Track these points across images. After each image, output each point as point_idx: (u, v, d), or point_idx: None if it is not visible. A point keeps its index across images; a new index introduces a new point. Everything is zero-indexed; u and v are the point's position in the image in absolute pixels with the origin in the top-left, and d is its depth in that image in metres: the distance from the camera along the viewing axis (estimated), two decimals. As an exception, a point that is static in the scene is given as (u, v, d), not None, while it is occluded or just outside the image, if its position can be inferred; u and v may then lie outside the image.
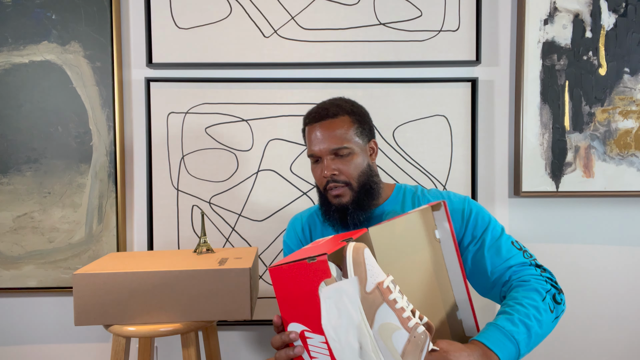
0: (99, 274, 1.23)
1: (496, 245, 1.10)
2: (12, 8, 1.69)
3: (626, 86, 1.71)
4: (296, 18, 1.71)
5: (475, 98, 1.71)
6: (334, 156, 1.13)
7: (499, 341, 0.90)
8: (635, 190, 1.71)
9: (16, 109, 1.70)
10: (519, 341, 0.91)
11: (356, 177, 1.14)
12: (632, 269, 1.78)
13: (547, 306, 0.97)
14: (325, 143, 1.12)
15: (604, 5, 1.69)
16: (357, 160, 1.14)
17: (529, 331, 0.93)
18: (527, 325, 0.93)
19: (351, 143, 1.13)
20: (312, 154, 1.15)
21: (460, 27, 1.71)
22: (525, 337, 0.92)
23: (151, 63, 1.71)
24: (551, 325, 0.98)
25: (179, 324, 1.25)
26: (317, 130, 1.14)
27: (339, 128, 1.13)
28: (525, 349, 0.92)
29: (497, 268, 1.08)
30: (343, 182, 1.13)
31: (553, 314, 0.98)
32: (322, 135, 1.13)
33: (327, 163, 1.13)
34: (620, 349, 1.80)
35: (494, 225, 1.14)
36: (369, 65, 1.71)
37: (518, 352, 0.91)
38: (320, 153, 1.13)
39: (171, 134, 1.74)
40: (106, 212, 1.73)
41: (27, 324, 1.78)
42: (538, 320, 0.94)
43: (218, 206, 1.75)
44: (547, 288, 1.00)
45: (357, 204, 1.14)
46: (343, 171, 1.13)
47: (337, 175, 1.13)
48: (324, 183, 1.15)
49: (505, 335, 0.91)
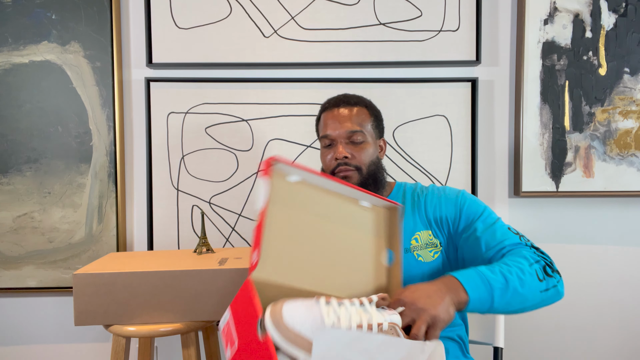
0: (99, 274, 1.23)
1: (491, 229, 1.09)
2: (12, 8, 1.69)
3: (626, 86, 1.71)
4: (296, 18, 1.71)
5: (475, 98, 1.71)
6: (348, 141, 1.16)
7: (472, 280, 0.88)
8: (635, 190, 1.71)
9: (16, 109, 1.70)
10: (493, 287, 0.88)
11: (367, 164, 1.17)
12: (632, 269, 1.78)
13: (533, 271, 0.94)
14: (343, 126, 1.16)
15: (604, 5, 1.69)
16: (370, 150, 1.18)
17: (507, 283, 0.90)
18: (506, 277, 0.90)
19: (366, 132, 1.18)
20: (326, 135, 1.18)
21: (460, 27, 1.71)
22: (502, 286, 0.89)
23: (151, 63, 1.71)
24: (538, 294, 0.94)
25: (179, 324, 1.25)
26: (337, 113, 1.18)
27: (358, 115, 1.18)
28: (500, 300, 0.89)
29: (491, 249, 1.06)
30: (354, 166, 1.16)
31: (542, 283, 0.95)
32: (341, 118, 1.17)
33: (342, 146, 1.15)
34: (621, 350, 1.80)
35: (488, 213, 1.14)
36: (369, 65, 1.71)
37: (491, 300, 0.88)
38: (337, 135, 1.16)
39: (171, 134, 1.74)
40: (106, 212, 1.73)
41: (27, 324, 1.78)
42: (520, 278, 0.91)
43: (218, 206, 1.75)
44: (537, 259, 0.98)
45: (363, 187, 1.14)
46: (356, 156, 1.16)
47: (350, 158, 1.16)
48: (333, 166, 1.17)
49: (480, 277, 0.89)
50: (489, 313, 0.91)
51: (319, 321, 0.73)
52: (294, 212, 0.89)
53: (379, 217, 1.02)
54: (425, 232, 1.18)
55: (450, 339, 1.19)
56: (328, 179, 0.94)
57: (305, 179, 0.92)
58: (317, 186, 0.94)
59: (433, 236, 1.17)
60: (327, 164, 1.20)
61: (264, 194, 0.83)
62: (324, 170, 1.23)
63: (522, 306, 0.94)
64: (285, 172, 0.90)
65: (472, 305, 0.87)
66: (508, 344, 1.77)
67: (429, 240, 1.17)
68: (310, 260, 0.88)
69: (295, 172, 0.90)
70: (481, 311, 0.90)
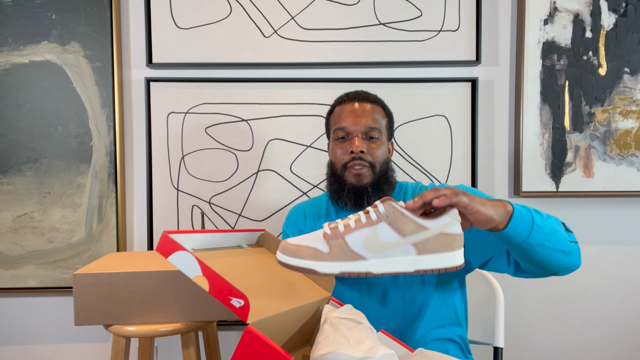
0: (99, 274, 1.23)
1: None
2: (12, 8, 1.69)
3: (626, 86, 1.71)
4: (296, 18, 1.71)
5: (475, 98, 1.71)
6: (364, 136, 1.16)
7: (517, 205, 0.89)
8: (635, 190, 1.71)
9: (16, 109, 1.70)
10: (534, 217, 0.89)
11: (380, 162, 1.17)
12: (633, 269, 1.78)
13: (560, 225, 0.95)
14: (362, 120, 1.15)
15: (604, 5, 1.69)
16: (383, 148, 1.18)
17: (542, 217, 0.91)
18: (541, 214, 0.92)
19: (382, 130, 1.18)
20: (343, 127, 1.16)
21: (460, 27, 1.71)
22: (541, 220, 0.90)
23: (151, 63, 1.71)
24: (567, 243, 0.94)
25: (179, 324, 1.25)
26: (356, 106, 1.17)
27: (376, 112, 1.18)
28: (539, 230, 0.89)
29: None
30: (368, 162, 1.15)
31: (570, 234, 0.96)
32: (360, 112, 1.16)
33: (359, 140, 1.14)
34: (621, 349, 1.80)
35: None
36: (369, 65, 1.71)
37: (531, 224, 0.88)
38: (355, 128, 1.15)
39: (171, 134, 1.74)
40: (106, 212, 1.73)
41: (27, 324, 1.78)
42: (552, 221, 0.92)
43: (218, 206, 1.74)
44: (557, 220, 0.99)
45: (375, 188, 1.15)
46: (371, 152, 1.15)
47: (365, 154, 1.15)
48: (346, 160, 1.16)
49: (525, 207, 0.90)
50: (523, 246, 0.90)
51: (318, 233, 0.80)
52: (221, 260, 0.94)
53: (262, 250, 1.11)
54: None
55: (451, 340, 1.19)
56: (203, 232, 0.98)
57: (194, 247, 0.96)
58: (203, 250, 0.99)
59: None
60: (338, 157, 1.18)
61: (185, 266, 0.84)
62: (334, 164, 1.20)
63: (555, 247, 0.92)
64: (182, 243, 0.91)
65: (514, 222, 0.86)
66: (508, 344, 1.77)
67: None
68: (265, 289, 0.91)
69: (187, 241, 0.94)
70: (519, 238, 0.88)
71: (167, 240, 0.85)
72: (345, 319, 0.89)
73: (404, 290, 1.16)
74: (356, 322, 0.89)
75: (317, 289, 1.03)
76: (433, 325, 1.18)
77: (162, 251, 0.85)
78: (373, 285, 1.17)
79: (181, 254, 0.84)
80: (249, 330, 0.75)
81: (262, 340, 0.74)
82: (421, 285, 1.16)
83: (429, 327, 1.18)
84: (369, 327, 0.90)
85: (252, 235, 1.12)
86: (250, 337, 0.75)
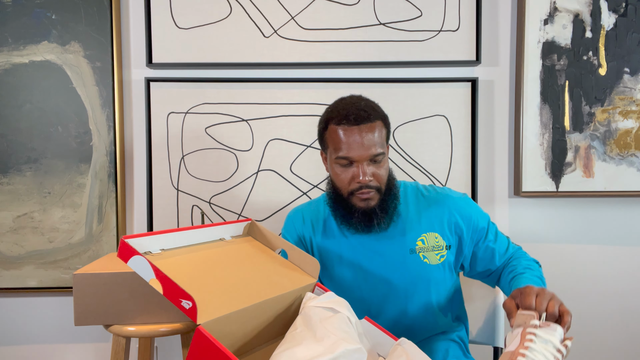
0: (99, 274, 1.23)
1: (498, 239, 1.22)
2: (12, 8, 1.69)
3: (626, 86, 1.71)
4: (296, 18, 1.71)
5: (475, 98, 1.71)
6: (369, 162, 1.10)
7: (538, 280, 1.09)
8: (635, 190, 1.71)
9: (16, 109, 1.70)
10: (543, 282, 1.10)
11: (385, 182, 1.14)
12: (633, 269, 1.78)
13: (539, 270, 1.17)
14: (366, 149, 1.07)
15: (604, 5, 1.69)
16: (387, 164, 1.14)
17: (542, 281, 1.11)
18: (541, 278, 1.12)
19: (384, 147, 1.12)
20: (347, 156, 1.09)
21: (460, 27, 1.71)
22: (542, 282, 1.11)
23: (151, 63, 1.71)
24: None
25: (179, 324, 1.25)
26: (356, 134, 1.07)
27: (376, 132, 1.09)
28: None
29: (502, 257, 1.20)
30: (375, 187, 1.11)
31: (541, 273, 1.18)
32: (363, 140, 1.07)
33: (364, 169, 1.09)
34: (621, 349, 1.80)
35: (489, 219, 1.24)
36: (369, 65, 1.71)
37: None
38: (360, 159, 1.08)
39: (171, 134, 1.74)
40: (106, 212, 1.73)
41: (27, 324, 1.78)
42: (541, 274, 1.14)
43: (218, 206, 1.75)
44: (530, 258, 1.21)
45: (382, 207, 1.13)
46: (377, 176, 1.11)
47: (372, 180, 1.10)
48: (354, 187, 1.11)
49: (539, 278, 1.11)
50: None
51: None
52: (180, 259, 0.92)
53: (248, 239, 1.09)
54: (432, 234, 1.17)
55: (451, 339, 1.19)
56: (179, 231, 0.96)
57: (162, 247, 0.93)
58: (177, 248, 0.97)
59: (441, 238, 1.17)
60: (344, 183, 1.12)
61: (141, 271, 0.83)
62: (337, 186, 1.15)
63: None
64: (144, 246, 0.90)
65: None
66: (508, 344, 1.77)
67: (436, 242, 1.16)
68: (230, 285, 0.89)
69: (152, 243, 0.92)
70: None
71: (124, 245, 0.85)
72: (321, 307, 0.87)
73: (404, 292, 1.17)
74: (333, 312, 0.87)
75: (300, 276, 1.00)
76: (433, 326, 1.19)
77: (122, 256, 0.85)
78: (373, 284, 1.18)
79: (137, 259, 0.84)
80: (198, 330, 0.75)
81: (210, 341, 0.73)
82: (421, 285, 1.17)
83: (429, 327, 1.18)
84: (346, 317, 0.87)
85: (237, 227, 1.10)
86: (199, 338, 0.74)
